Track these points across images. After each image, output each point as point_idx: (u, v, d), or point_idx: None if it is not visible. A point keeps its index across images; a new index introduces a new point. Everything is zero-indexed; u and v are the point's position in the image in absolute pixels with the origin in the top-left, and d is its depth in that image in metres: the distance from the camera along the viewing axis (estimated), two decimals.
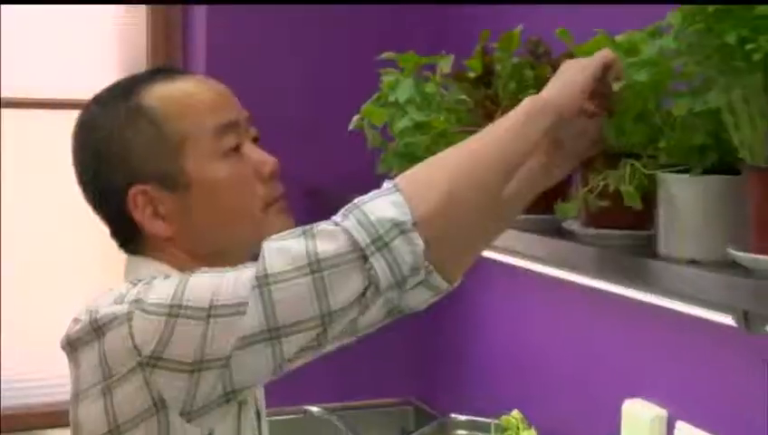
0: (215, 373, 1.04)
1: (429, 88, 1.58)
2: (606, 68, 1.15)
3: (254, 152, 1.24)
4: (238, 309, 1.03)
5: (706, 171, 1.13)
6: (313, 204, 2.24)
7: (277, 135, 2.26)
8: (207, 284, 1.06)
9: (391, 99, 1.60)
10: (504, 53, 1.46)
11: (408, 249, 1.02)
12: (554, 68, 1.21)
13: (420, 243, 1.02)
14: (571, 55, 1.31)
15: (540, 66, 1.44)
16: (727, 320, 1.23)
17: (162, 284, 1.08)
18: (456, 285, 1.12)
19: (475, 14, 2.19)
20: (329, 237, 1.03)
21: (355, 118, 1.66)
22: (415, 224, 1.02)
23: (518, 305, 2.08)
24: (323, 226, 1.05)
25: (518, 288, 2.03)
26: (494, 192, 1.09)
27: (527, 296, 2.01)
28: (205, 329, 1.03)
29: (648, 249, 1.20)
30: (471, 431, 1.97)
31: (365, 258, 1.01)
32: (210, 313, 1.04)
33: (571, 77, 1.13)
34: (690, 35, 1.05)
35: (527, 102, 1.12)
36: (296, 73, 2.33)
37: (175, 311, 1.04)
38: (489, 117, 1.43)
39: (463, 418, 2.02)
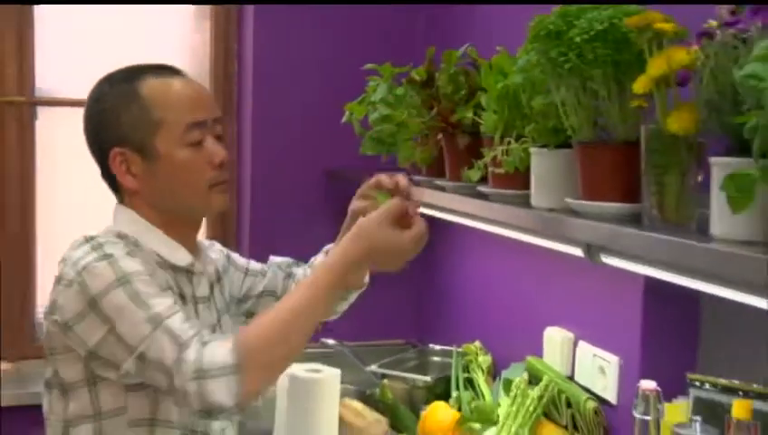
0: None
1: (399, 91, 2.00)
2: None
3: (212, 146, 1.49)
4: (128, 344, 1.33)
5: (558, 146, 1.52)
6: (330, 182, 2.68)
7: (306, 127, 2.71)
8: (121, 307, 1.34)
9: (372, 99, 2.03)
10: (446, 65, 1.87)
11: (224, 415, 1.32)
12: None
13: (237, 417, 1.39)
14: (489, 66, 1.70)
15: (472, 73, 1.84)
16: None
17: (101, 274, 1.35)
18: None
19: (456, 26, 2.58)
20: (173, 374, 1.30)
21: (346, 113, 2.09)
22: (237, 403, 1.29)
23: (476, 261, 2.48)
24: (179, 381, 1.29)
25: (476, 248, 2.44)
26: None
27: (482, 254, 2.41)
28: (105, 333, 1.34)
29: (527, 204, 1.60)
30: (442, 357, 2.37)
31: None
32: (108, 328, 1.34)
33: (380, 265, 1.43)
34: (537, 52, 1.45)
35: (333, 283, 1.37)
36: (323, 78, 2.72)
37: (92, 304, 1.35)
38: (431, 108, 1.85)
39: (438, 347, 2.42)
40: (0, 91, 2.64)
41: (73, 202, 2.73)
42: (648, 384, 1.54)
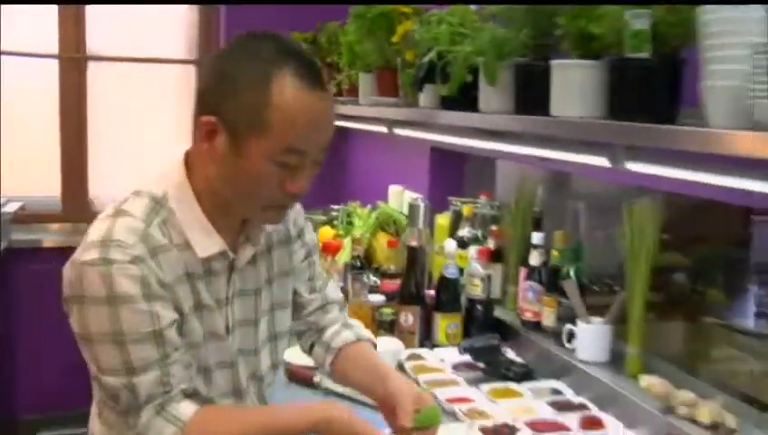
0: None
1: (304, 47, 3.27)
2: None
3: (299, 174, 1.32)
4: (98, 366, 1.31)
5: (368, 72, 2.78)
6: None
7: None
8: (101, 333, 1.28)
9: None
10: (326, 32, 3.15)
11: None
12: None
13: None
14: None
15: (339, 35, 3.11)
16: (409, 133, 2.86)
17: (92, 281, 1.27)
18: None
19: None
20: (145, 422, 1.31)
21: None
22: None
23: (355, 152, 3.81)
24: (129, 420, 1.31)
25: (355, 144, 3.77)
26: None
27: (357, 146, 3.74)
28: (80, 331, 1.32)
29: (358, 103, 2.87)
30: (338, 212, 3.65)
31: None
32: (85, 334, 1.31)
33: None
34: (354, 23, 2.71)
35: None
36: None
37: (79, 301, 1.29)
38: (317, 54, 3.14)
39: (336, 206, 3.70)
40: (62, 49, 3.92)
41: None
42: (417, 196, 2.82)
